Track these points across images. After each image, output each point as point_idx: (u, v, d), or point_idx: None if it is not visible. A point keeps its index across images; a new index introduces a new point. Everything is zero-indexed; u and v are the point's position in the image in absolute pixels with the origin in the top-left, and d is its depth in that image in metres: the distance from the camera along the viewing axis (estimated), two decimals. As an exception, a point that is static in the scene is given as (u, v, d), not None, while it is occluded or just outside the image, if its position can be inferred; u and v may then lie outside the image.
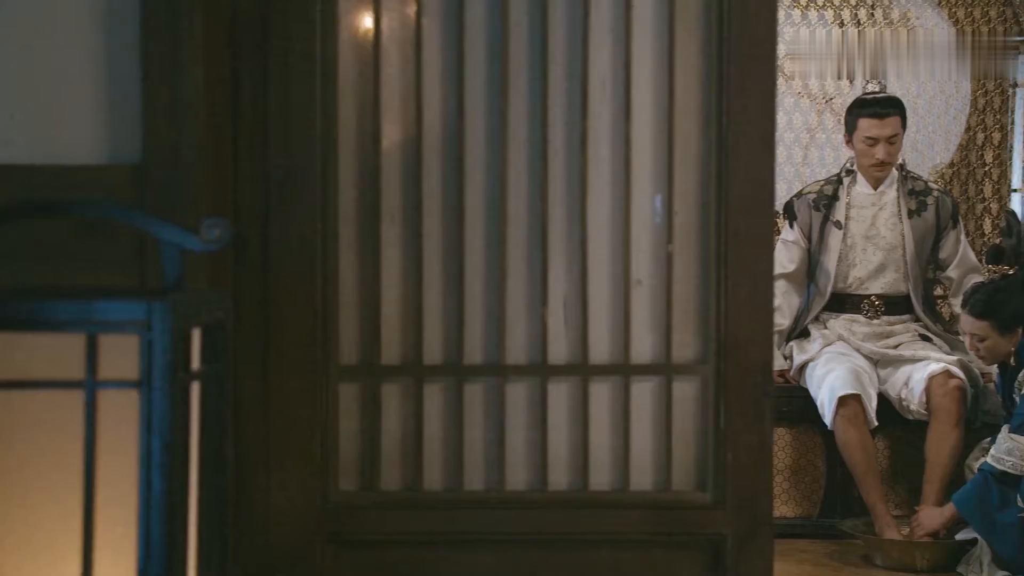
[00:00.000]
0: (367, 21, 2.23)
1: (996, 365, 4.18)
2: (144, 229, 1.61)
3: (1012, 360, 4.04)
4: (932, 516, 4.12)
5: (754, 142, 2.21)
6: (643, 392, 2.26)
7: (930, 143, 6.02)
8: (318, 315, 2.22)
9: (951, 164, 6.00)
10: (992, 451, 3.94)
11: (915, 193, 4.63)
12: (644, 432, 2.27)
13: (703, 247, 2.25)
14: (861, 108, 4.57)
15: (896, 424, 4.52)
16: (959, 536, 4.08)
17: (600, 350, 2.26)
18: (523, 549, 2.26)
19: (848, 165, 4.70)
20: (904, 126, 4.61)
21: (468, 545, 2.26)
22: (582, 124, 2.24)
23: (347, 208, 2.25)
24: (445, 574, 2.26)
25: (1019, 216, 6.08)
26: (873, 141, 4.51)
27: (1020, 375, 3.98)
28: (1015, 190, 6.09)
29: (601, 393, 2.26)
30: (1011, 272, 4.08)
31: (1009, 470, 3.86)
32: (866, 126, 4.52)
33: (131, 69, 1.95)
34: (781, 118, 6.05)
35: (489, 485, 2.27)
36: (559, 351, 2.26)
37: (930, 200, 4.63)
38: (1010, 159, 6.02)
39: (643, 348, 2.26)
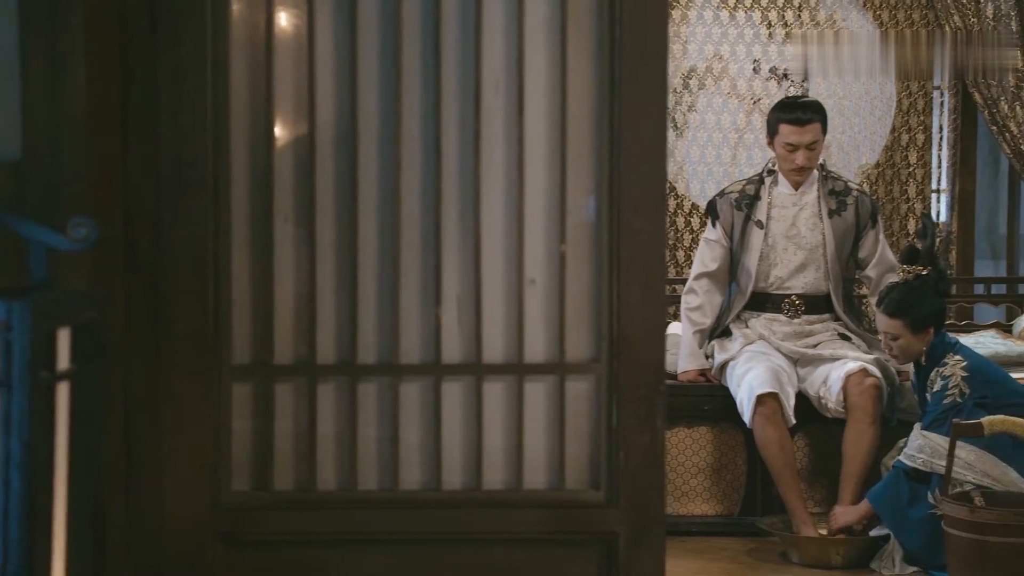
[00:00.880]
0: (259, 18, 2.21)
1: (912, 364, 4.24)
2: (11, 228, 1.59)
3: (924, 360, 4.10)
4: (847, 513, 4.17)
5: (647, 141, 2.22)
6: (537, 391, 2.27)
7: (856, 144, 6.09)
8: (210, 315, 2.20)
9: (877, 165, 6.08)
10: (905, 448, 4.00)
11: (835, 193, 4.68)
12: (538, 431, 2.27)
13: (596, 246, 2.26)
14: (782, 112, 4.60)
15: (815, 422, 4.57)
16: (873, 532, 4.13)
17: (494, 349, 2.27)
18: (418, 549, 2.26)
19: (770, 165, 4.74)
20: (824, 131, 4.65)
21: (362, 545, 2.25)
22: (475, 123, 2.24)
23: (240, 207, 2.23)
24: (340, 574, 2.25)
25: (934, 219, 6.16)
26: (793, 147, 4.55)
27: (932, 374, 4.04)
28: (936, 191, 6.18)
29: (495, 392, 2.27)
30: (925, 273, 4.13)
31: (920, 467, 3.91)
32: (786, 132, 4.55)
33: (9, 64, 1.93)
34: (710, 118, 6.10)
35: (383, 485, 2.26)
36: (453, 350, 2.26)
37: (850, 200, 4.68)
38: (933, 160, 6.11)
39: (537, 347, 2.27)
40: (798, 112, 4.54)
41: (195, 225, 2.19)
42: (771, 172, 4.71)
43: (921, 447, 3.93)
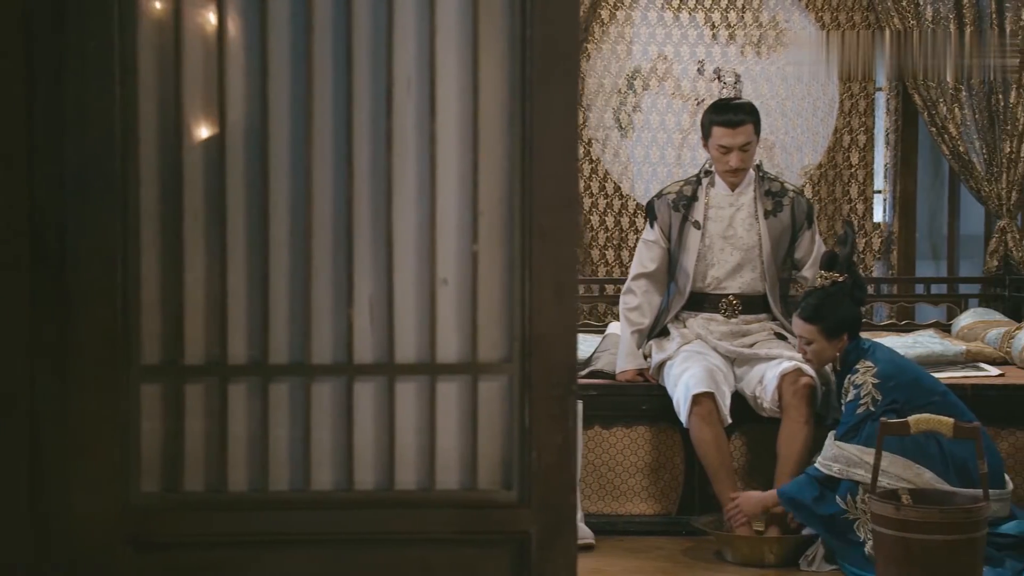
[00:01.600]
0: (168, 16, 2.20)
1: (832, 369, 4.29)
2: None
3: (837, 365, 4.15)
4: (751, 501, 4.21)
5: (558, 141, 2.23)
6: (449, 391, 2.27)
7: (798, 145, 6.13)
8: (118, 315, 2.19)
9: (819, 166, 6.12)
10: (819, 457, 4.04)
11: (771, 194, 4.72)
12: (450, 431, 2.27)
13: (508, 246, 2.26)
14: (714, 115, 4.65)
15: (752, 421, 4.60)
16: (805, 531, 4.17)
17: (406, 350, 2.26)
18: (330, 549, 2.25)
19: (707, 166, 4.77)
20: (758, 132, 4.69)
21: (274, 546, 2.24)
22: (387, 123, 2.24)
23: (149, 206, 2.22)
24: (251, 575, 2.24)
25: (877, 220, 6.22)
26: (726, 149, 4.59)
27: (845, 382, 4.09)
28: (878, 191, 6.24)
29: (407, 392, 2.26)
30: (842, 280, 4.18)
31: (836, 475, 3.96)
32: (719, 134, 4.59)
33: (-94, 63, 1.91)
34: (654, 119, 6.13)
35: (295, 485, 2.25)
36: (365, 350, 2.26)
37: (785, 201, 4.72)
38: (876, 161, 6.16)
39: (449, 347, 2.27)
40: (729, 114, 4.58)
41: (103, 225, 2.17)
42: (708, 173, 4.75)
43: (836, 456, 3.98)
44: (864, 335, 4.85)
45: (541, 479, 2.24)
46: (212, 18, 2.21)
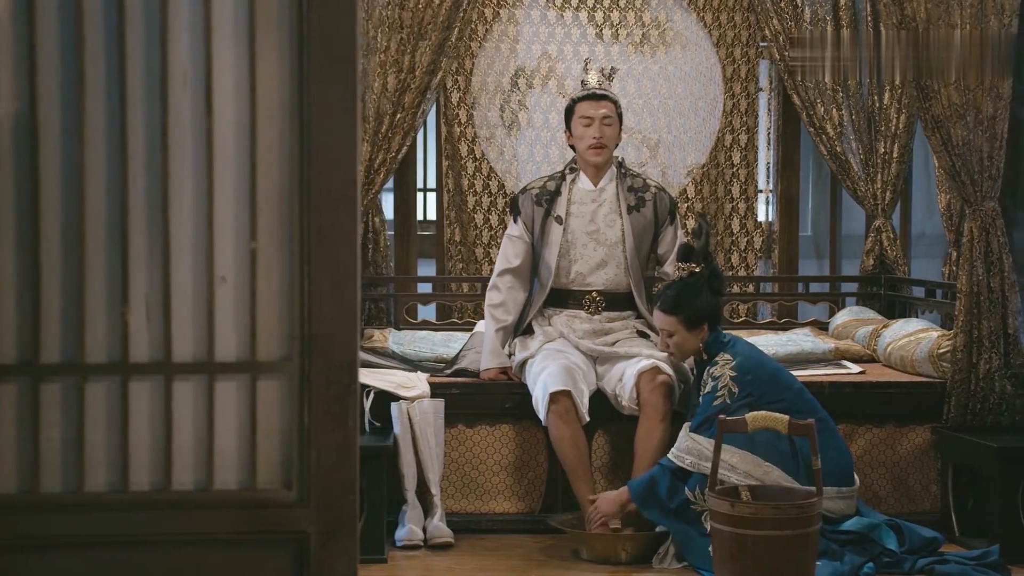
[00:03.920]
0: (-68, 8, 2.15)
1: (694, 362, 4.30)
2: None
3: (697, 357, 4.16)
4: (608, 501, 4.22)
5: (337, 139, 2.21)
6: (228, 390, 2.24)
7: (682, 144, 6.15)
8: None
9: (703, 165, 6.15)
10: (673, 448, 4.05)
11: (634, 190, 4.72)
12: (229, 430, 2.24)
13: (288, 244, 2.23)
14: (576, 96, 4.72)
15: (615, 420, 4.61)
16: (659, 528, 4.17)
17: (184, 348, 2.23)
18: (105, 551, 2.21)
19: (572, 163, 4.78)
20: (620, 119, 4.71)
21: (46, 549, 2.20)
22: (163, 119, 2.20)
23: (-87, 202, 2.17)
24: (24, 579, 2.20)
25: (759, 218, 6.26)
26: (589, 120, 4.61)
27: (704, 374, 4.09)
28: (761, 191, 6.27)
29: (185, 391, 2.23)
30: (699, 271, 4.20)
31: (688, 467, 3.97)
32: (582, 108, 4.64)
33: None
34: (538, 117, 6.12)
35: (68, 487, 2.21)
36: (141, 349, 2.22)
37: (648, 196, 4.72)
38: (756, 161, 6.20)
39: (228, 346, 2.23)
40: (592, 92, 4.65)
41: None
42: (573, 169, 4.75)
43: (689, 449, 3.98)
44: (744, 333, 4.89)
45: (320, 479, 2.22)
46: (-22, 9, 2.16)
